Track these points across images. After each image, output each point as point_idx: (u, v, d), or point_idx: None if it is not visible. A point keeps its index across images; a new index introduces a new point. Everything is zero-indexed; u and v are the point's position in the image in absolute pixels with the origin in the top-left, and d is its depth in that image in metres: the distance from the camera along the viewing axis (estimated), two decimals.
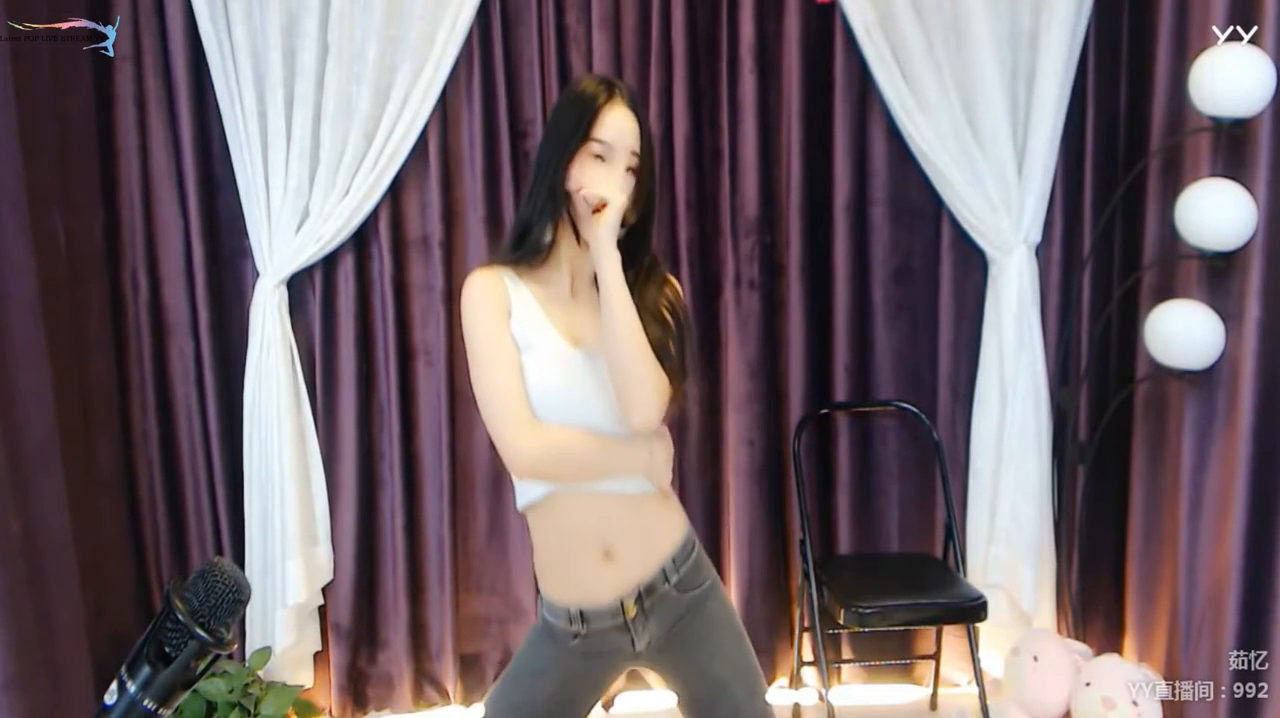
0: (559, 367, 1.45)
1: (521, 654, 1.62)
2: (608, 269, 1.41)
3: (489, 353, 1.44)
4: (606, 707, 2.85)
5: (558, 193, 1.46)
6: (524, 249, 1.50)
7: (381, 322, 2.72)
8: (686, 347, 1.52)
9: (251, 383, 2.63)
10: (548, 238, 1.49)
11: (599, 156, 1.46)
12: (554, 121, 1.50)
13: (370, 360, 2.74)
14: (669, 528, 1.54)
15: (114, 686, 1.02)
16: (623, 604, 1.48)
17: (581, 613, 1.50)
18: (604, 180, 1.45)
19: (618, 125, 1.46)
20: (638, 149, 1.48)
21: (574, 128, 1.45)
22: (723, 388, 2.80)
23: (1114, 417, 2.63)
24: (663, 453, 1.52)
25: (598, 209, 1.44)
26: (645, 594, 1.49)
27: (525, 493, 1.51)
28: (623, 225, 1.46)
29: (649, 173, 1.51)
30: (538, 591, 1.59)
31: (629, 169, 1.48)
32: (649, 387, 1.42)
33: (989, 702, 2.51)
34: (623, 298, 1.41)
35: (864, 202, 2.76)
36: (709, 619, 1.55)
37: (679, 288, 1.59)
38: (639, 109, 1.51)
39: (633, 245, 1.51)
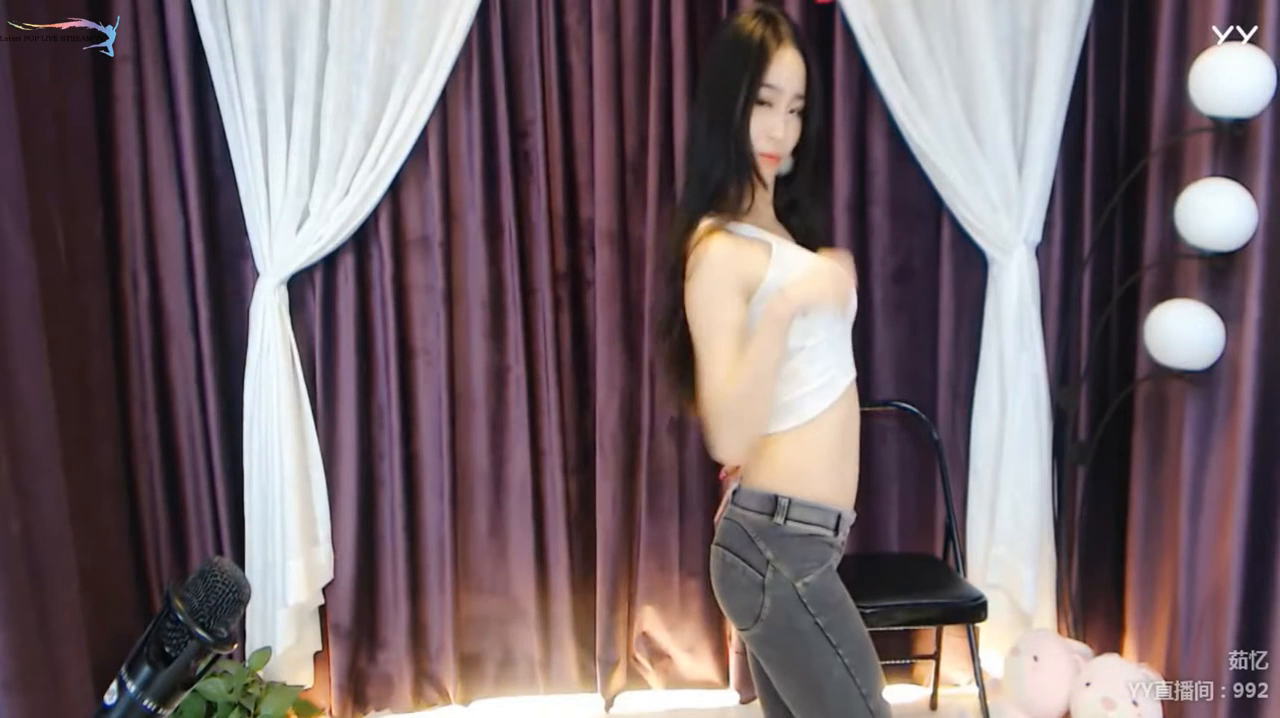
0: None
1: (823, 601, 1.51)
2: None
3: (724, 323, 1.43)
4: (607, 707, 2.85)
5: (745, 150, 1.45)
6: (728, 207, 1.48)
7: (381, 322, 2.72)
8: None
9: (251, 383, 2.63)
10: (748, 201, 1.48)
11: (764, 102, 1.45)
12: (721, 69, 1.48)
13: (370, 360, 2.74)
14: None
15: (114, 686, 1.03)
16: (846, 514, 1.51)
17: (839, 518, 1.50)
18: (777, 125, 1.45)
19: (787, 70, 1.44)
20: (802, 91, 1.47)
21: (746, 77, 1.43)
22: None
23: (1114, 417, 2.63)
24: None
25: (770, 157, 1.46)
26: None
27: (819, 399, 1.49)
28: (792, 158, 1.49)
29: (815, 112, 1.50)
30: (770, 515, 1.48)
31: (792, 111, 1.47)
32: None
33: (989, 702, 2.51)
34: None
35: (864, 202, 2.76)
36: None
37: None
38: (805, 46, 1.48)
39: (798, 185, 1.54)
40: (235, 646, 1.33)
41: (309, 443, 2.69)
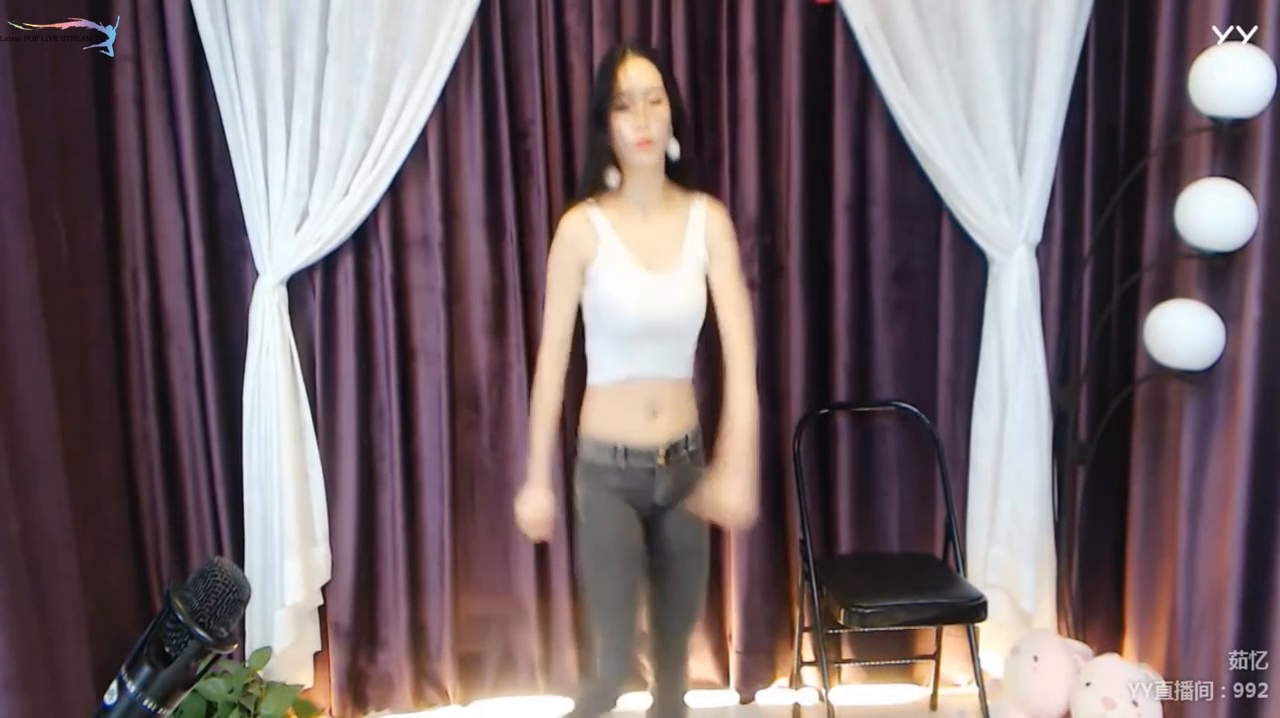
0: (630, 285, 1.89)
1: (584, 509, 2.02)
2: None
3: (553, 284, 1.95)
4: None
5: (601, 149, 1.89)
6: (595, 189, 1.94)
7: (381, 322, 2.72)
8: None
9: (251, 383, 2.63)
10: (614, 181, 1.92)
11: (623, 107, 1.85)
12: (593, 91, 1.93)
13: (370, 360, 2.74)
14: (692, 411, 2.04)
15: (114, 686, 1.03)
16: (657, 451, 1.94)
17: (626, 449, 1.94)
18: (629, 125, 1.84)
19: (630, 75, 1.85)
20: (654, 86, 1.86)
21: (605, 91, 1.87)
22: (723, 388, 2.79)
23: (1114, 417, 2.63)
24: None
25: (640, 145, 1.84)
26: (672, 451, 1.96)
27: (608, 375, 1.96)
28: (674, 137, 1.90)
29: (674, 95, 1.90)
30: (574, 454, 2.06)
31: (653, 103, 1.85)
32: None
33: (989, 702, 2.51)
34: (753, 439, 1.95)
35: (864, 202, 2.76)
36: (694, 498, 1.95)
37: (721, 212, 2.02)
38: (650, 53, 1.90)
39: (682, 163, 1.94)
40: (235, 646, 1.33)
41: (307, 443, 2.69)
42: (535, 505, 1.97)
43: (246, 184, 2.60)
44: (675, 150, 1.93)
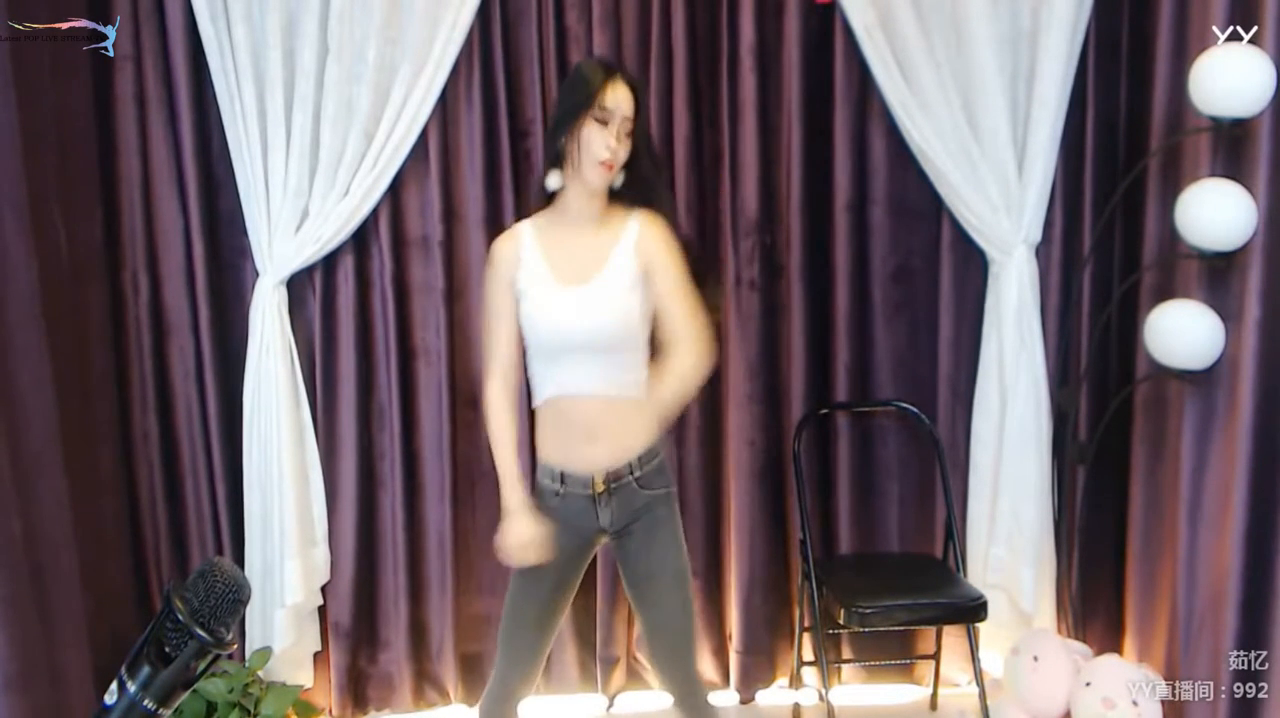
0: (546, 300, 1.87)
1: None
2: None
3: (488, 307, 1.95)
4: (608, 707, 2.85)
5: (561, 148, 1.83)
6: (539, 198, 1.93)
7: (381, 322, 2.73)
8: (708, 286, 1.95)
9: (251, 383, 2.63)
10: (553, 185, 1.88)
11: (600, 121, 1.81)
12: (561, 97, 1.89)
13: (370, 360, 2.74)
14: (640, 433, 1.91)
15: (114, 686, 1.03)
16: (594, 478, 1.88)
17: (563, 475, 1.91)
18: (600, 142, 1.81)
19: (614, 96, 1.82)
20: (632, 117, 1.84)
21: (584, 99, 1.81)
22: (723, 388, 2.80)
23: (1114, 417, 2.63)
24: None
25: (602, 164, 1.81)
26: (612, 478, 1.89)
27: (539, 394, 1.93)
28: (625, 168, 1.87)
29: (642, 136, 1.87)
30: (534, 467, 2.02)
31: (626, 134, 1.83)
32: (691, 385, 1.90)
33: (989, 702, 2.51)
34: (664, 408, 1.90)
35: (864, 201, 2.76)
36: (657, 520, 1.93)
37: (657, 227, 1.91)
38: (636, 84, 1.86)
39: (635, 187, 1.90)
40: (235, 646, 1.33)
41: (307, 443, 2.69)
42: (516, 532, 1.87)
43: (246, 184, 2.60)
44: (619, 182, 1.89)
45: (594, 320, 1.84)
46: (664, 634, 1.96)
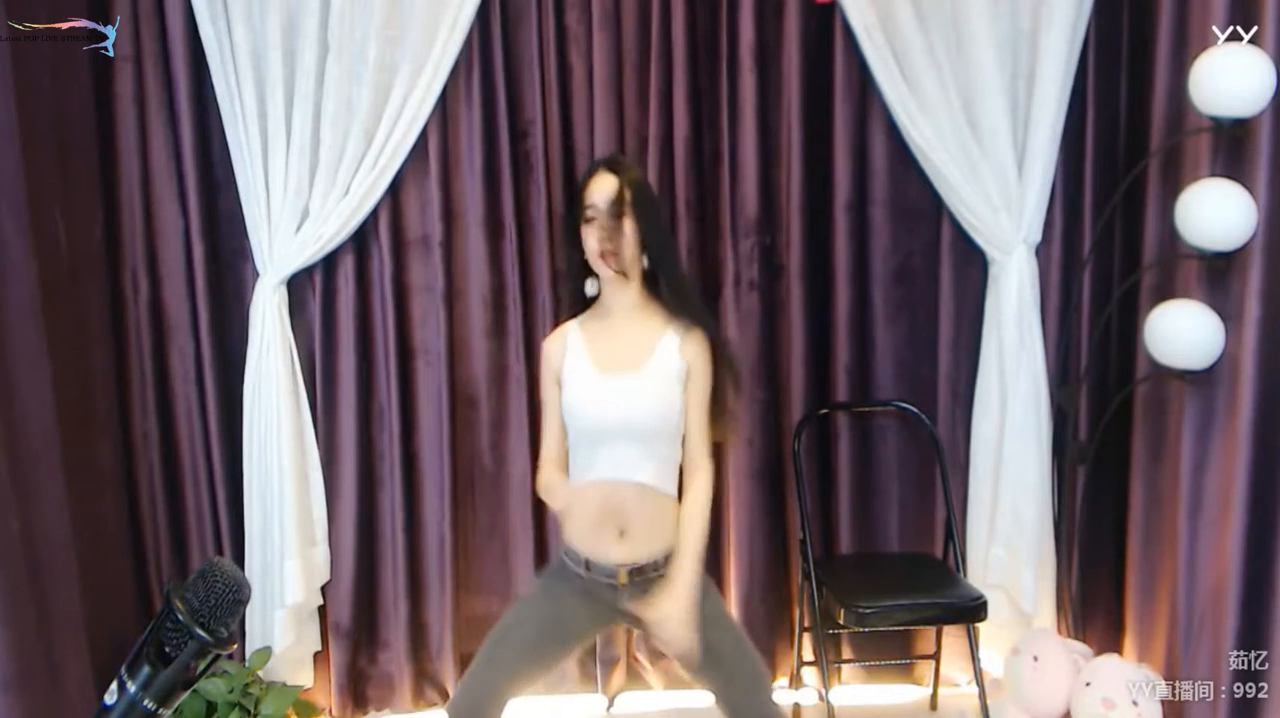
0: (586, 388, 1.90)
1: (533, 588, 2.02)
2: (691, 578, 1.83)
3: (542, 402, 2.01)
4: (608, 707, 2.85)
5: (575, 261, 1.96)
6: (576, 303, 2.02)
7: (381, 322, 2.73)
8: (725, 393, 1.95)
9: (251, 383, 2.63)
10: (591, 291, 1.97)
11: (589, 220, 1.88)
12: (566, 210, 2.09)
13: (370, 361, 2.74)
14: (667, 531, 1.89)
15: (114, 686, 1.03)
16: (619, 571, 1.88)
17: (588, 562, 1.91)
18: (591, 236, 1.88)
19: (595, 189, 1.88)
20: (614, 198, 1.86)
21: (574, 207, 1.92)
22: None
23: (1114, 417, 2.63)
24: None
25: (601, 256, 1.86)
26: (636, 573, 1.89)
27: (574, 479, 1.94)
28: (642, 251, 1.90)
29: (641, 213, 1.87)
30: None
31: (616, 216, 1.85)
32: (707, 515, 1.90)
33: (989, 702, 2.51)
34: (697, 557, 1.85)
35: (864, 202, 2.76)
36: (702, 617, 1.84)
37: (705, 340, 1.92)
38: (620, 168, 1.90)
39: (674, 296, 1.93)
40: (235, 646, 1.33)
41: (307, 443, 2.69)
42: (564, 494, 1.92)
43: (246, 184, 2.60)
44: (646, 262, 1.91)
45: (634, 408, 1.86)
46: (728, 680, 1.95)
